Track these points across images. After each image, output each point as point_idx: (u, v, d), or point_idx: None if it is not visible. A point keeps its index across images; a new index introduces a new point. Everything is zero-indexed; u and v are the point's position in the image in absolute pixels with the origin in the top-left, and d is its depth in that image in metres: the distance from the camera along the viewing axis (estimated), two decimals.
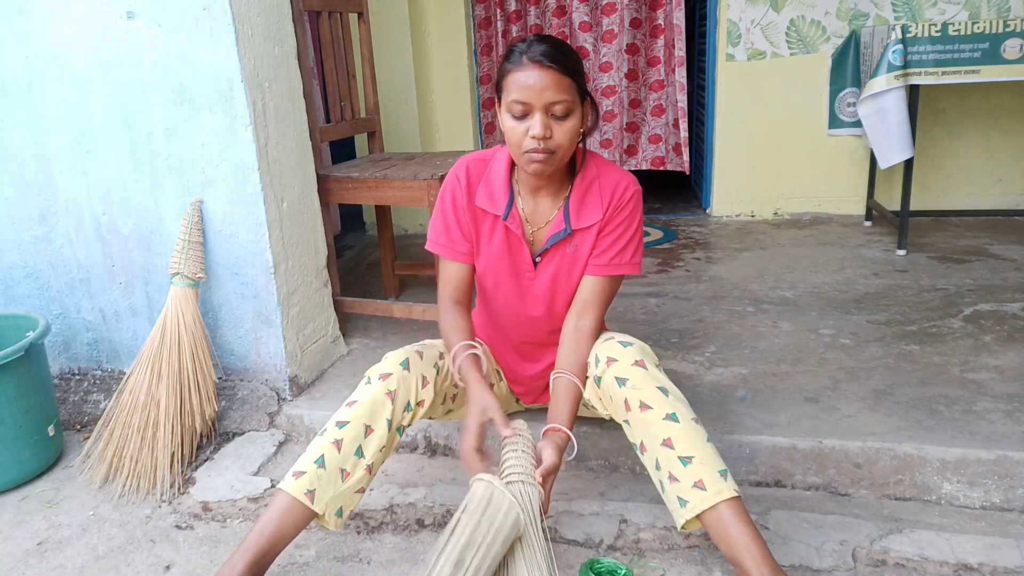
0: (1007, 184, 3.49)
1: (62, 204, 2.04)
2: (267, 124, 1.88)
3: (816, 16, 3.42)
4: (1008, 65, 2.69)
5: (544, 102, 1.30)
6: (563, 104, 1.31)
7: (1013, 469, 1.53)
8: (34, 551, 1.57)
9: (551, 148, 1.33)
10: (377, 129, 2.66)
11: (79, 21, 1.86)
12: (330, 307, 2.23)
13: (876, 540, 1.42)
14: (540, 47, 1.30)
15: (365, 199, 2.30)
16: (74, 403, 2.14)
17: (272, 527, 1.31)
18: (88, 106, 1.92)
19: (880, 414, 1.73)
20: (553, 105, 1.31)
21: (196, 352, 1.86)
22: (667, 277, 2.89)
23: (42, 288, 2.14)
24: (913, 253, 2.98)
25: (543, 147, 1.32)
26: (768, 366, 2.03)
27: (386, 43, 3.55)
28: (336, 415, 1.38)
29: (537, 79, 1.29)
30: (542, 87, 1.29)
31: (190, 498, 1.71)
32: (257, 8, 1.84)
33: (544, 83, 1.29)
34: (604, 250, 1.47)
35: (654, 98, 3.89)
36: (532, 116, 1.31)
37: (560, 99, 1.30)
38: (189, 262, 1.88)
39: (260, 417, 1.98)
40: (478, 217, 1.51)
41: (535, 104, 1.30)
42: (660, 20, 3.71)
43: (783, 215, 3.73)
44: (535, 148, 1.32)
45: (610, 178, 1.47)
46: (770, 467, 1.65)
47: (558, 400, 1.42)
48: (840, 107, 3.35)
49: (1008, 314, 2.29)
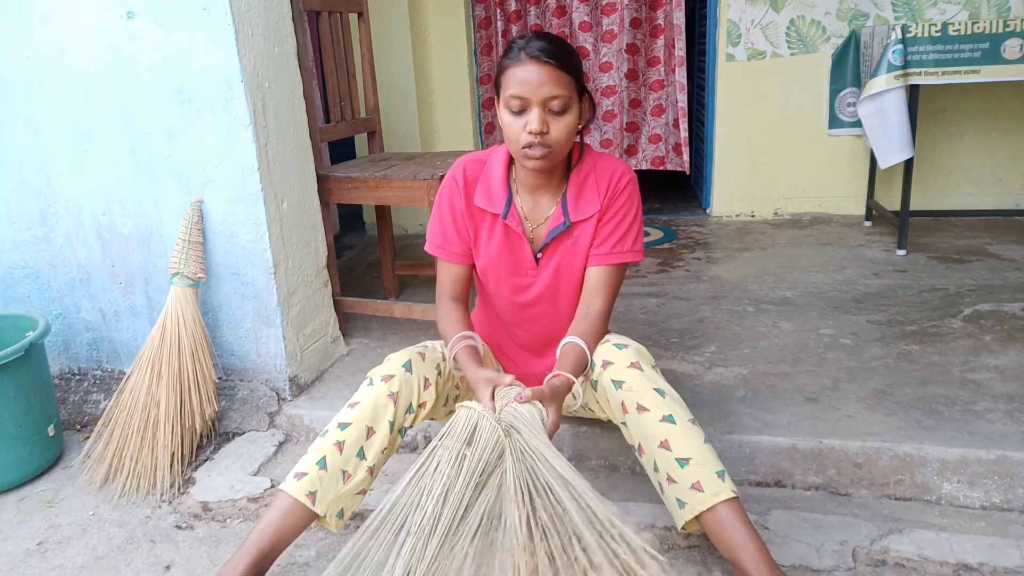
0: (1007, 184, 3.50)
1: (62, 204, 2.04)
2: (267, 124, 1.88)
3: (816, 16, 3.42)
4: (1008, 65, 2.69)
5: (541, 97, 1.31)
6: (560, 99, 1.32)
7: (1013, 469, 1.53)
8: (34, 551, 1.57)
9: (548, 143, 1.34)
10: (377, 129, 2.66)
11: (79, 21, 1.86)
12: (330, 307, 2.23)
13: (876, 540, 1.42)
14: (538, 43, 1.31)
15: (365, 199, 2.30)
16: (74, 403, 2.14)
17: (273, 528, 1.30)
18: (88, 106, 1.92)
19: (880, 414, 1.73)
20: (550, 100, 1.31)
21: (196, 352, 1.86)
22: (667, 277, 2.89)
23: (42, 288, 2.14)
24: (913, 253, 2.98)
25: (540, 142, 1.33)
26: (768, 366, 2.03)
27: (386, 43, 3.55)
28: (338, 416, 1.38)
29: (535, 75, 1.30)
30: (539, 82, 1.30)
31: (190, 498, 1.71)
32: (257, 8, 1.84)
33: (542, 78, 1.30)
34: (605, 239, 1.47)
35: (654, 98, 3.89)
36: (529, 111, 1.32)
37: (557, 94, 1.31)
38: (189, 262, 1.88)
39: (260, 417, 1.98)
40: (477, 217, 1.51)
41: (532, 99, 1.31)
42: (660, 20, 3.71)
43: (783, 215, 3.73)
44: (532, 143, 1.33)
45: (605, 167, 1.48)
46: (770, 467, 1.65)
47: (563, 359, 1.39)
48: (840, 107, 3.35)
49: (1008, 314, 2.29)
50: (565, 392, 1.33)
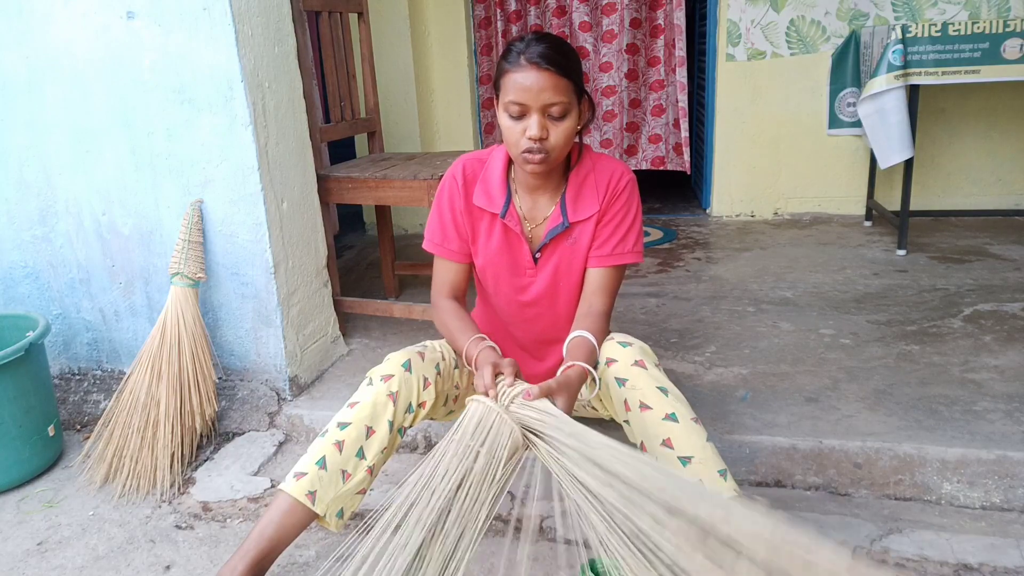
0: (1007, 184, 3.49)
1: (62, 204, 2.04)
2: (267, 124, 1.88)
3: (816, 16, 3.42)
4: (1008, 65, 2.69)
5: (541, 104, 1.30)
6: (560, 106, 1.31)
7: (1013, 469, 1.53)
8: (34, 551, 1.57)
9: (547, 148, 1.34)
10: (377, 129, 2.66)
11: (79, 21, 1.86)
12: (330, 307, 2.23)
13: (876, 540, 1.42)
14: (538, 48, 1.30)
15: (365, 199, 2.30)
16: (74, 403, 2.14)
17: (273, 528, 1.30)
18: (88, 106, 1.92)
19: (880, 414, 1.73)
20: (550, 107, 1.31)
21: (196, 352, 1.86)
22: (667, 277, 2.89)
23: (42, 288, 2.14)
24: (913, 253, 2.98)
25: (539, 147, 1.33)
26: (768, 366, 2.03)
27: (386, 43, 3.56)
28: (338, 416, 1.38)
29: (534, 81, 1.29)
30: (539, 89, 1.29)
31: (190, 498, 1.71)
32: (257, 8, 1.84)
33: (541, 85, 1.29)
34: (605, 240, 1.47)
35: (654, 98, 3.89)
36: (529, 117, 1.32)
37: (557, 101, 1.31)
38: (189, 262, 1.88)
39: (260, 417, 1.98)
40: (476, 216, 1.51)
41: (532, 106, 1.31)
42: (660, 20, 3.71)
43: (783, 215, 3.73)
44: (531, 149, 1.33)
45: (604, 168, 1.48)
46: (770, 467, 1.65)
47: (573, 351, 1.37)
48: (840, 107, 3.35)
49: (1008, 314, 2.29)
50: (579, 383, 1.31)
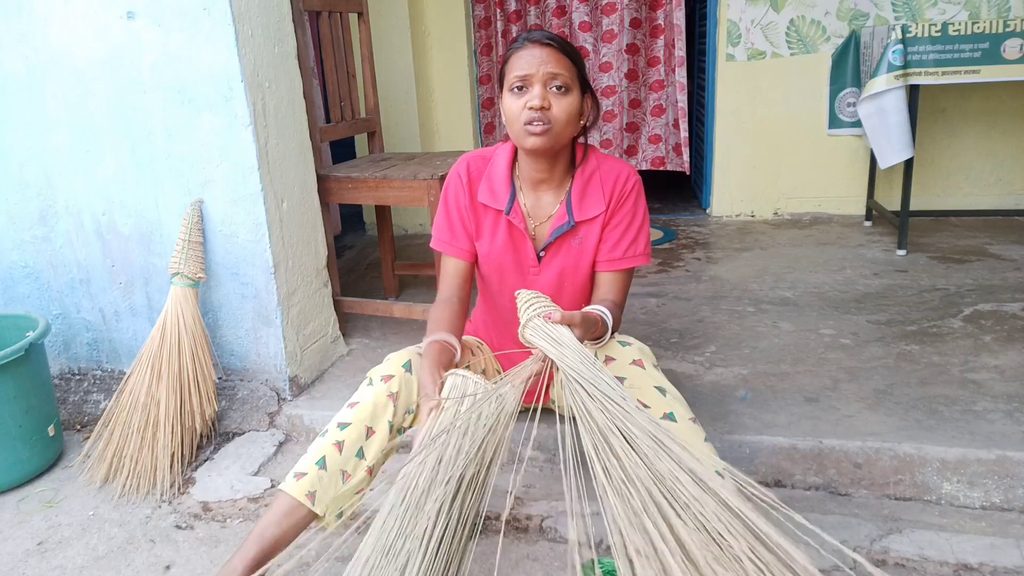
0: (1007, 184, 3.49)
1: (62, 204, 2.04)
2: (267, 124, 1.88)
3: (816, 16, 3.42)
4: (1008, 65, 2.69)
5: (543, 74, 1.33)
6: (562, 78, 1.34)
7: (1013, 469, 1.53)
8: (34, 551, 1.57)
9: (549, 119, 1.35)
10: (377, 129, 2.66)
11: (79, 21, 1.86)
12: (330, 307, 2.23)
13: (876, 540, 1.42)
14: (541, 32, 1.37)
15: (365, 199, 2.30)
16: (74, 403, 2.14)
17: (273, 528, 1.31)
18: (88, 106, 1.92)
19: (880, 414, 1.73)
20: (552, 79, 1.34)
21: (196, 352, 1.86)
22: (667, 277, 2.89)
23: (42, 288, 2.14)
24: (913, 253, 2.98)
25: (540, 117, 1.34)
26: (768, 366, 2.03)
27: (386, 43, 3.56)
28: (338, 416, 1.38)
29: (537, 54, 1.34)
30: (541, 60, 1.33)
31: (190, 498, 1.71)
32: (257, 8, 1.84)
33: (544, 58, 1.33)
34: (615, 243, 1.48)
35: (654, 98, 3.89)
36: (531, 89, 1.35)
37: (559, 72, 1.34)
38: (189, 262, 1.88)
39: (260, 417, 1.98)
40: (480, 213, 1.51)
41: (534, 76, 1.34)
42: (660, 20, 3.71)
43: (783, 215, 3.73)
44: (532, 119, 1.34)
45: (610, 169, 1.49)
46: (770, 467, 1.65)
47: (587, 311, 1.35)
48: (840, 107, 3.35)
49: (1008, 314, 2.29)
50: (594, 327, 1.31)
